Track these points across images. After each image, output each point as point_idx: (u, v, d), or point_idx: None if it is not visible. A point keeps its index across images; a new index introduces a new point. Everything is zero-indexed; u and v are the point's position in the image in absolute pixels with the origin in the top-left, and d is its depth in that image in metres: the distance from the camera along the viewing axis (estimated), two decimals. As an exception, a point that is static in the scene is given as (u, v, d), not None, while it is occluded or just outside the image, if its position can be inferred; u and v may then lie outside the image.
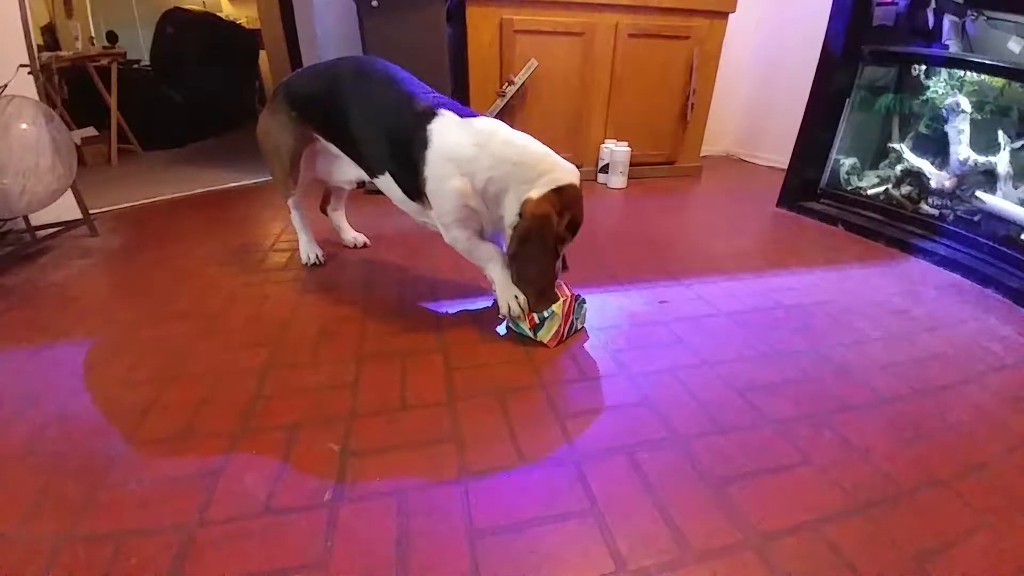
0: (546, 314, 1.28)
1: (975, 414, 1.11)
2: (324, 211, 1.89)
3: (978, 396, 1.16)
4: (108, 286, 1.66)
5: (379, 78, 1.40)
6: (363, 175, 1.56)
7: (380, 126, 1.36)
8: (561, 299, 1.29)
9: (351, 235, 1.93)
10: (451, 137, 1.26)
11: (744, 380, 1.19)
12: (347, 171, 1.62)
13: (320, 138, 1.57)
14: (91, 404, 1.08)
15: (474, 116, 1.32)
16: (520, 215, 1.23)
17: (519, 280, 1.30)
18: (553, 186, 1.23)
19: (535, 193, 1.22)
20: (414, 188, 1.34)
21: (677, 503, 0.86)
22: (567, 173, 1.25)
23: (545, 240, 1.23)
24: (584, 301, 1.38)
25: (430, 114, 1.28)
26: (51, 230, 1.92)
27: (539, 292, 1.28)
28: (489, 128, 1.29)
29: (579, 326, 1.39)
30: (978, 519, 0.85)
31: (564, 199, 1.23)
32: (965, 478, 0.94)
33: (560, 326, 1.30)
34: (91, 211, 2.05)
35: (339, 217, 1.92)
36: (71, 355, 1.26)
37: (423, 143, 1.26)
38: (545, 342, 1.30)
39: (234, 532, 0.80)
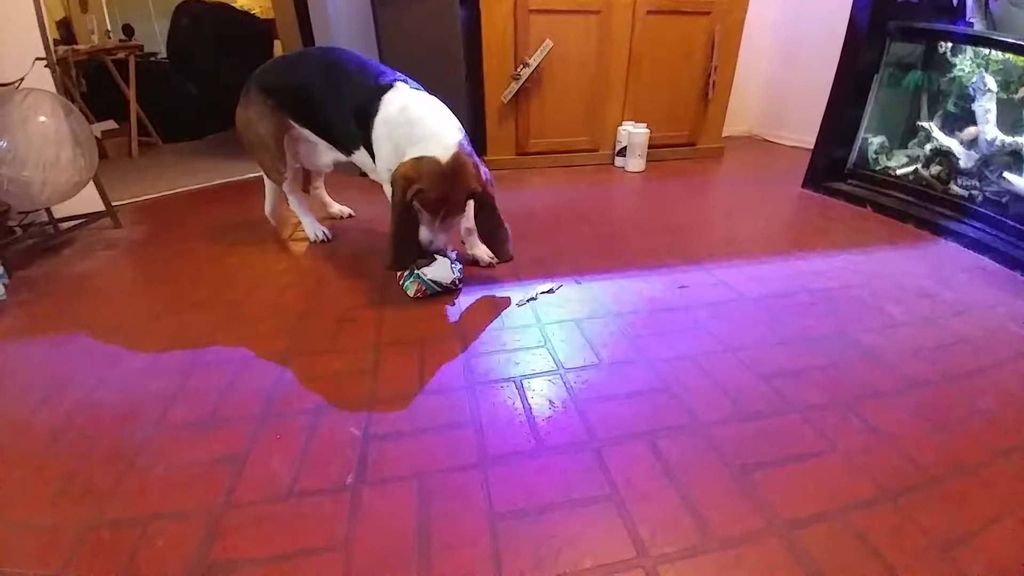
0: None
1: (1004, 400, 1.07)
2: (307, 191, 2.01)
3: (1007, 381, 1.13)
4: (132, 276, 1.70)
5: (346, 63, 1.52)
6: (339, 156, 1.68)
7: (349, 104, 1.48)
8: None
9: (336, 208, 2.09)
10: (391, 104, 1.39)
11: (768, 366, 1.16)
12: (324, 155, 1.74)
13: (295, 124, 1.67)
14: (117, 392, 1.11)
15: (419, 89, 1.46)
16: None
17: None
18: (418, 155, 1.30)
19: (407, 158, 1.31)
20: (374, 154, 1.46)
21: (699, 490, 0.85)
22: (436, 146, 1.30)
23: (395, 203, 1.31)
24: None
25: (386, 87, 1.42)
26: (74, 222, 1.96)
27: (391, 252, 1.36)
28: (415, 96, 1.40)
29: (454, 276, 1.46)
30: (1006, 506, 0.83)
31: (419, 169, 1.29)
32: (993, 465, 0.91)
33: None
34: (114, 203, 2.08)
35: (322, 194, 2.07)
36: (96, 344, 1.28)
37: (376, 111, 1.40)
38: (410, 294, 1.44)
39: (259, 515, 0.82)
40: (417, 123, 1.34)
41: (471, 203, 1.43)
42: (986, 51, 1.86)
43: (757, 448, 0.94)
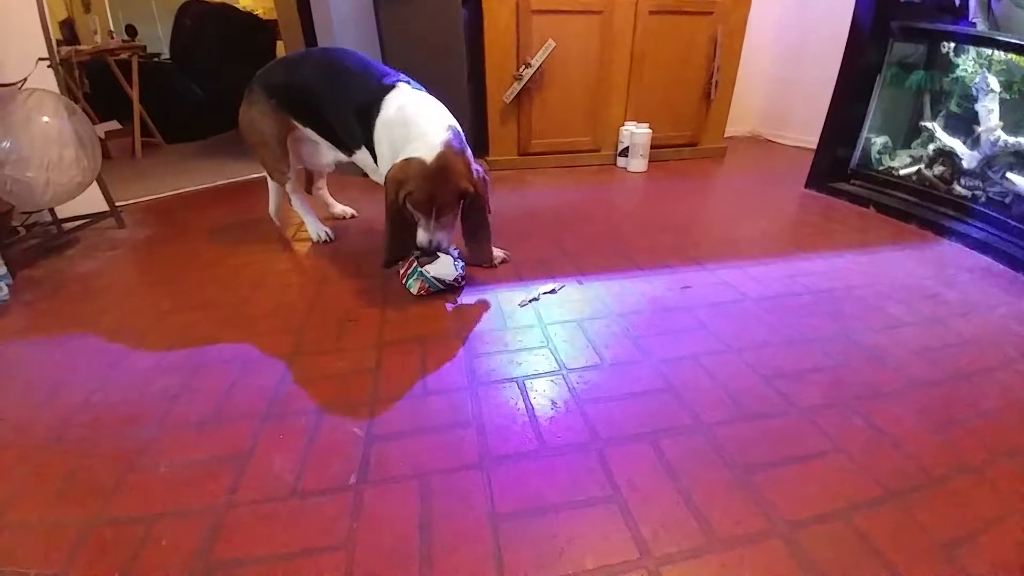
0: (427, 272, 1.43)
1: (1007, 400, 1.07)
2: (309, 191, 2.02)
3: (1010, 382, 1.12)
4: (135, 276, 1.70)
5: (349, 64, 1.53)
6: (340, 156, 1.69)
7: (352, 105, 1.48)
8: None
9: (338, 208, 2.09)
10: (391, 105, 1.40)
11: (771, 366, 1.16)
12: (326, 155, 1.75)
13: (298, 125, 1.67)
14: (120, 391, 1.11)
15: (421, 90, 1.48)
16: None
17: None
18: (406, 156, 1.31)
19: (400, 158, 1.32)
20: (375, 154, 1.48)
21: (702, 490, 0.85)
22: (423, 147, 1.31)
23: (388, 205, 1.34)
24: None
25: (388, 88, 1.43)
26: (78, 222, 1.97)
27: (386, 252, 1.40)
28: (413, 97, 1.42)
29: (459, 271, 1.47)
30: (1008, 506, 0.83)
31: (407, 170, 1.30)
32: (996, 465, 0.91)
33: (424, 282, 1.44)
34: (117, 203, 2.09)
35: (324, 195, 2.09)
36: (99, 344, 1.29)
37: (378, 112, 1.42)
38: (413, 292, 1.46)
39: (262, 514, 0.82)
40: (411, 124, 1.35)
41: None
42: (989, 51, 1.85)
43: (760, 448, 0.94)
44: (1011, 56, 1.79)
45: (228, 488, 0.86)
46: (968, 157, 1.92)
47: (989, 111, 1.82)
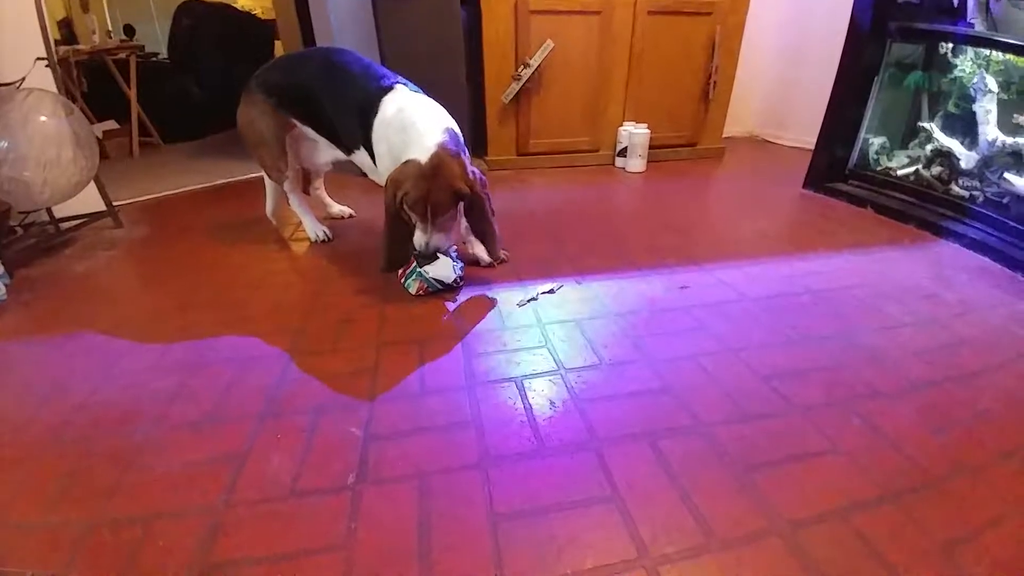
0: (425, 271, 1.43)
1: (1006, 401, 1.07)
2: (307, 191, 2.02)
3: (1008, 382, 1.13)
4: (133, 276, 1.70)
5: (348, 65, 1.54)
6: (339, 155, 1.70)
7: (351, 105, 1.50)
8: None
9: (336, 208, 2.09)
10: (388, 107, 1.42)
11: (769, 367, 1.16)
12: (325, 153, 1.76)
13: (297, 124, 1.68)
14: (118, 391, 1.11)
15: (418, 92, 1.49)
16: None
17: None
18: (402, 160, 1.33)
19: (399, 163, 1.34)
20: (373, 154, 1.49)
21: (700, 490, 0.85)
22: (419, 149, 1.32)
23: (387, 208, 1.35)
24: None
25: (386, 89, 1.45)
26: (75, 222, 1.96)
27: (384, 254, 1.40)
28: (412, 99, 1.43)
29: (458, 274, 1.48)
30: (1007, 506, 0.83)
31: (404, 172, 1.31)
32: (995, 466, 0.91)
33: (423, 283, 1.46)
34: (114, 203, 2.08)
35: (322, 195, 2.08)
36: (97, 344, 1.28)
37: (376, 113, 1.43)
38: (411, 292, 1.47)
39: (260, 514, 0.82)
40: (410, 127, 1.36)
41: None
42: (987, 52, 1.86)
43: (758, 448, 0.94)
44: (1009, 56, 1.79)
45: (226, 488, 0.86)
46: (966, 157, 1.92)
47: (987, 112, 1.82)
